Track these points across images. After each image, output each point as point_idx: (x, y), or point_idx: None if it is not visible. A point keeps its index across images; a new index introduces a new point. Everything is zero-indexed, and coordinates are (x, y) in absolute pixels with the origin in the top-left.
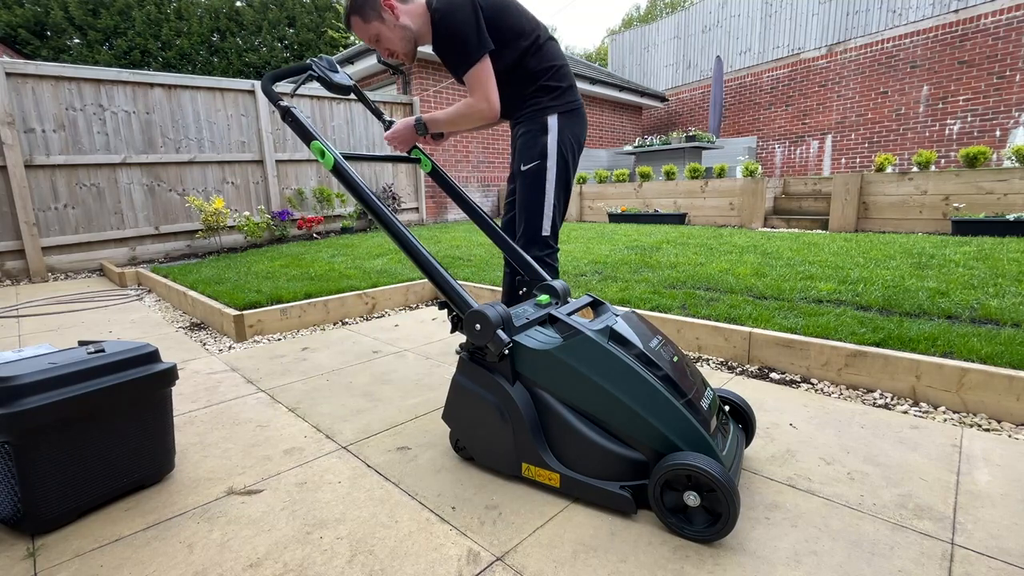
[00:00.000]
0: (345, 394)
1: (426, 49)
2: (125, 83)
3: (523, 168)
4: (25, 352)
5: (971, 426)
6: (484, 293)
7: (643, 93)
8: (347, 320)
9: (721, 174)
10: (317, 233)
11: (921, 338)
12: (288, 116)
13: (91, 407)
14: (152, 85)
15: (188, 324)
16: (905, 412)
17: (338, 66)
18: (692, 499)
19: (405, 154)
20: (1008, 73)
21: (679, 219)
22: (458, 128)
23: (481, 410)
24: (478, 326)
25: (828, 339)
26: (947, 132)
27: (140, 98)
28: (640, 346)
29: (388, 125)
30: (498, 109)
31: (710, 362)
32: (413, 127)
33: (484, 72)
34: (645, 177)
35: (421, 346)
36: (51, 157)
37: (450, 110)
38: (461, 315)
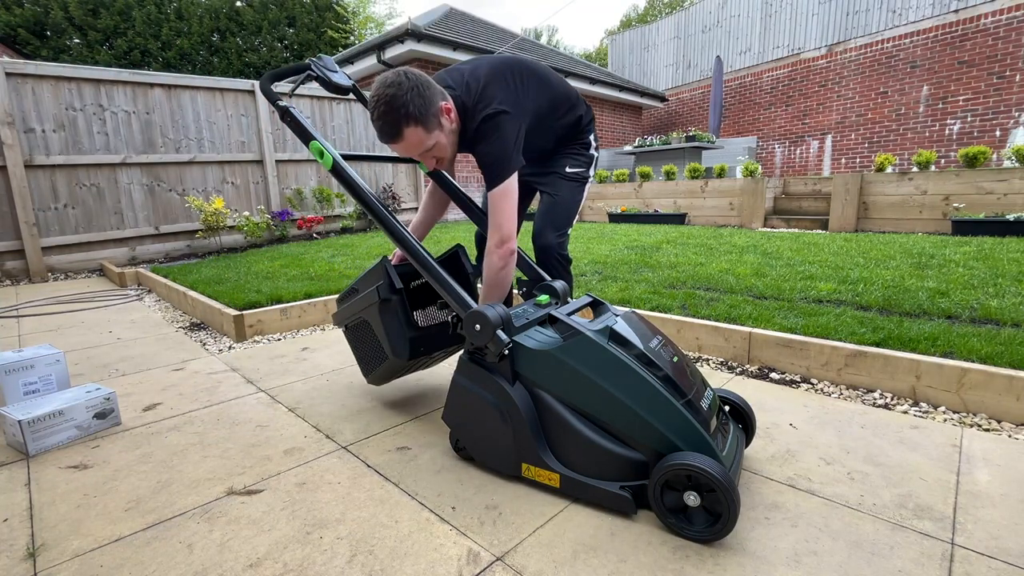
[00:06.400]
0: (345, 394)
1: (427, 49)
2: (125, 83)
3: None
4: (25, 352)
5: (971, 426)
6: None
7: (643, 93)
8: None
9: (721, 174)
10: (317, 233)
11: (921, 338)
12: (287, 116)
13: None
14: (152, 85)
15: (188, 324)
16: (905, 412)
17: (337, 66)
18: (692, 499)
19: None
20: (1008, 73)
21: (679, 219)
22: (502, 285)
23: (481, 410)
24: (478, 326)
25: (828, 339)
26: (947, 132)
27: (140, 98)
28: (640, 346)
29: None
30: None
31: (710, 362)
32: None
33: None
34: (645, 177)
35: None
36: (51, 157)
37: (483, 283)
38: (461, 315)
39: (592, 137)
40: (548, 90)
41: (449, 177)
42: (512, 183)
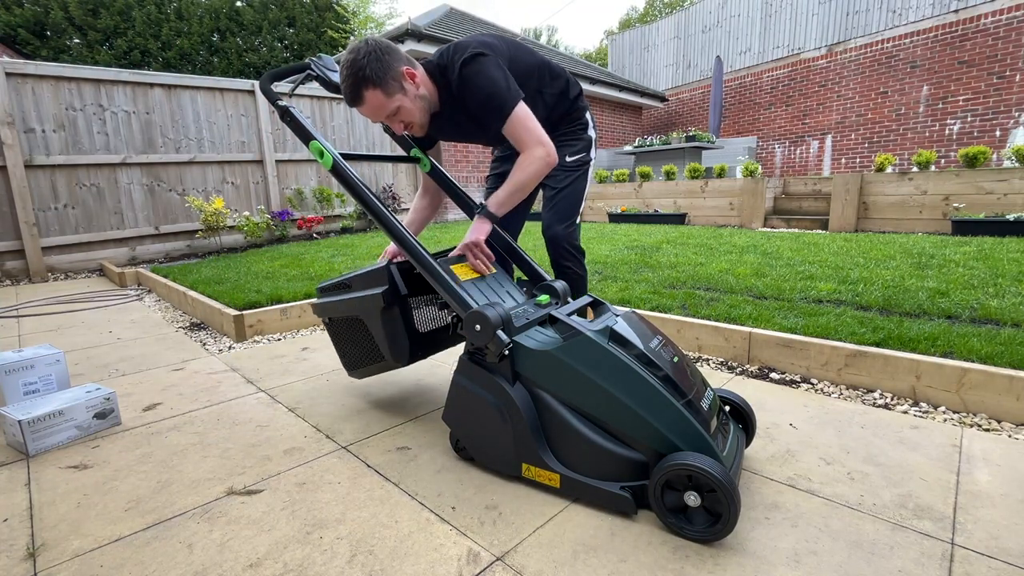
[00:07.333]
0: (345, 394)
1: (427, 49)
2: (125, 83)
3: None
4: (25, 352)
5: (971, 426)
6: None
7: (643, 93)
8: None
9: (721, 174)
10: (317, 233)
11: (921, 338)
12: (287, 116)
13: None
14: (152, 85)
15: (188, 324)
16: (905, 412)
17: (337, 66)
18: (692, 499)
19: (404, 154)
20: (1008, 73)
21: (679, 219)
22: (526, 192)
23: (481, 410)
24: (478, 327)
25: (828, 339)
26: (947, 132)
27: (140, 98)
28: (640, 346)
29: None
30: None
31: (710, 362)
32: (487, 223)
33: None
34: (645, 177)
35: None
36: (51, 157)
37: (509, 181)
38: (461, 315)
39: (588, 116)
40: (527, 55)
41: (448, 176)
42: (523, 108)
